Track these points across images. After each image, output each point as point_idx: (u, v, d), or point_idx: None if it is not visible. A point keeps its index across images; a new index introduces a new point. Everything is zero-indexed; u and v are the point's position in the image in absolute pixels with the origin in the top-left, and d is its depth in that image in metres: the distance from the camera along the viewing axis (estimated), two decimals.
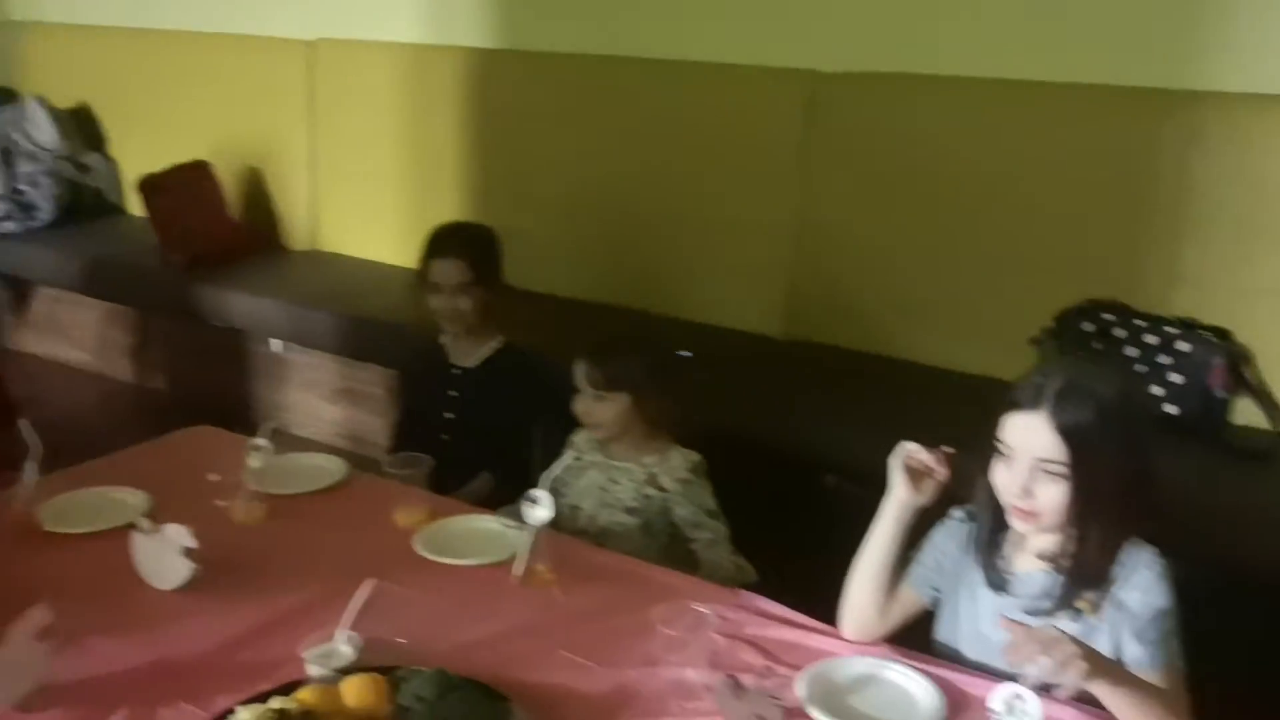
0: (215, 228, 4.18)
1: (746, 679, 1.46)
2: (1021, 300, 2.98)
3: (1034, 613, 1.64)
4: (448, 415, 2.64)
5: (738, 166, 3.40)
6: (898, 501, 1.72)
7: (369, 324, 3.51)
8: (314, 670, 1.56)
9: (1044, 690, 1.37)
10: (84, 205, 4.75)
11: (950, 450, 1.74)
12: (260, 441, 2.06)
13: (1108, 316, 2.83)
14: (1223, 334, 2.74)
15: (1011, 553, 1.70)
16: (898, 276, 3.20)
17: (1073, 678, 1.35)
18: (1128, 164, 2.89)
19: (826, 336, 3.31)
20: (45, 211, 4.63)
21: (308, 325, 3.70)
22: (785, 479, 2.80)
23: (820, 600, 1.76)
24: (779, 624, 1.75)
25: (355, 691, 1.49)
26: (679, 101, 3.48)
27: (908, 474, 1.72)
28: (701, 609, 1.65)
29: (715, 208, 3.45)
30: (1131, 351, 2.78)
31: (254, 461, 2.04)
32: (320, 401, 3.87)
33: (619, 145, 3.59)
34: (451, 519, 2.02)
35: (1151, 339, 2.76)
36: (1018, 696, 1.34)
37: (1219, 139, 2.77)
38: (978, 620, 1.70)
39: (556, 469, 2.05)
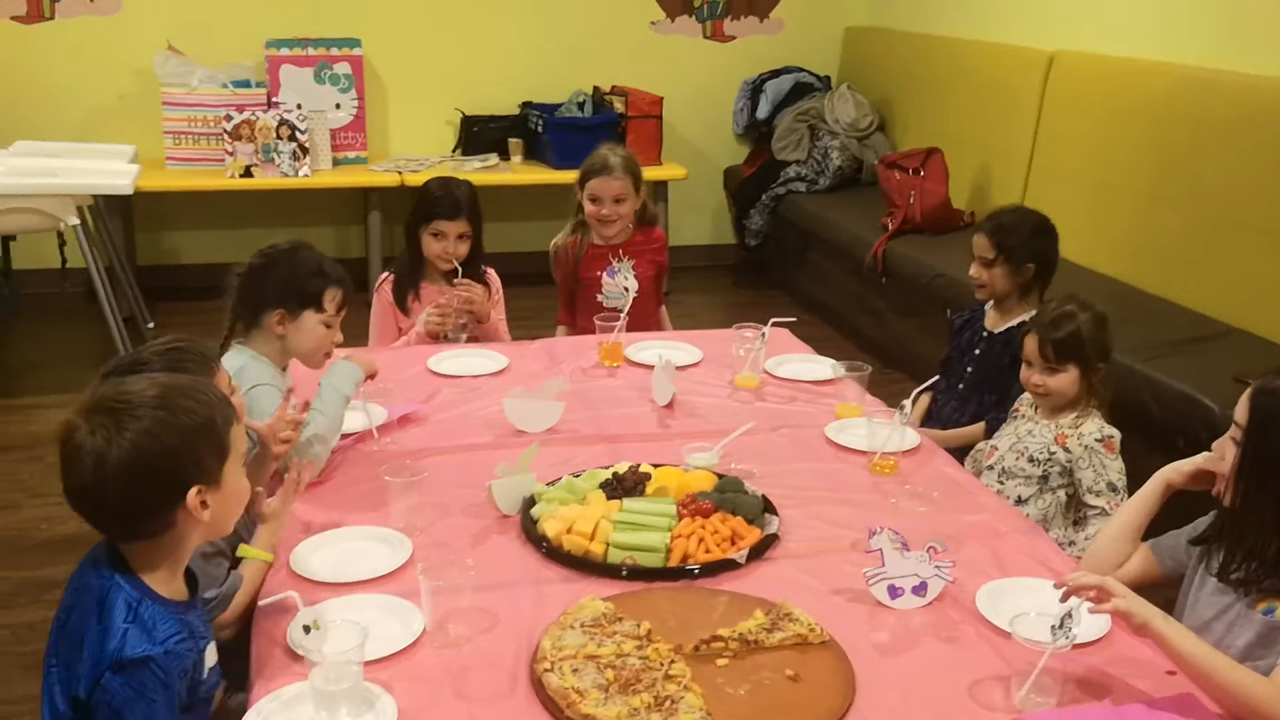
0: (930, 204, 4.89)
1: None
2: None
3: (1234, 596, 1.75)
4: (968, 369, 3.09)
5: None
6: (1166, 476, 1.91)
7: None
8: (691, 462, 2.28)
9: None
10: (859, 177, 5.79)
11: None
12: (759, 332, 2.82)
13: None
14: None
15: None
16: None
17: (1108, 607, 1.56)
18: None
19: None
20: (826, 178, 5.76)
21: None
22: None
23: None
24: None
25: (695, 476, 2.19)
26: None
27: (1199, 472, 1.90)
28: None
29: None
30: None
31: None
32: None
33: None
34: (870, 418, 2.54)
35: None
36: (1069, 614, 1.58)
37: None
38: (1198, 599, 1.82)
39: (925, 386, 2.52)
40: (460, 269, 3.20)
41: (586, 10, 5.98)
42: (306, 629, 1.52)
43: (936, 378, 2.62)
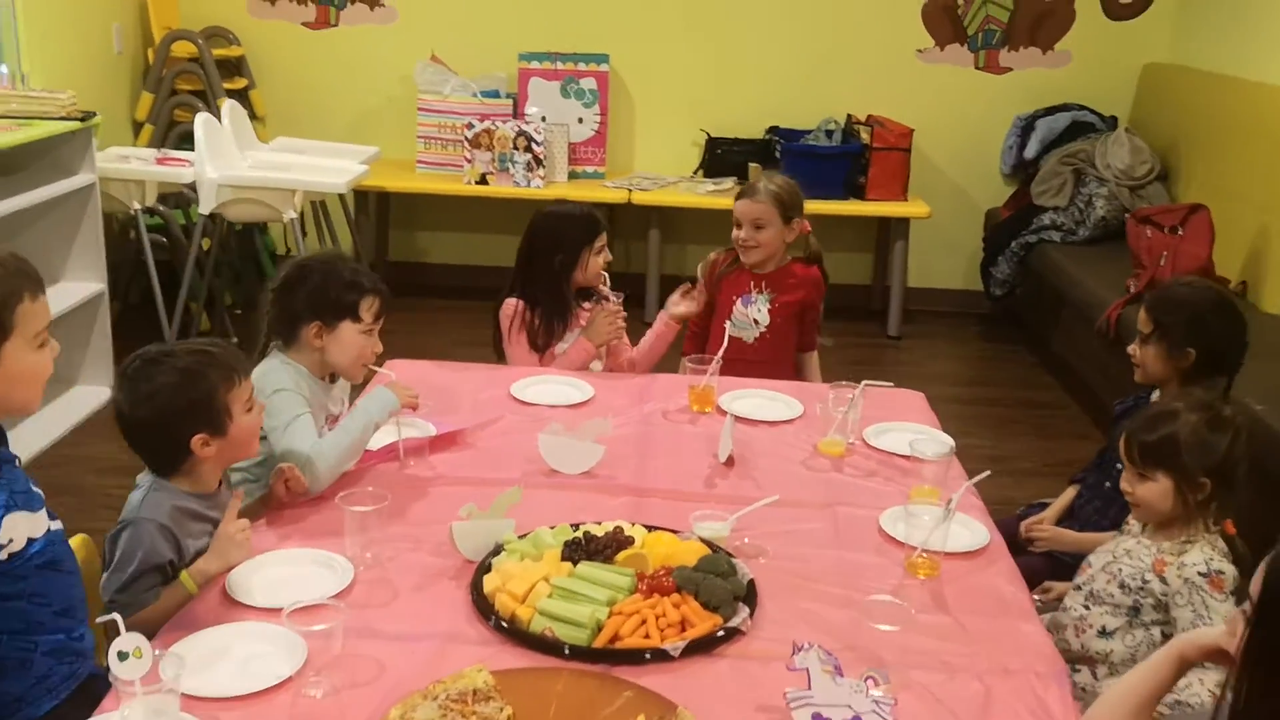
0: (1185, 268, 4.28)
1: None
2: None
3: None
4: (1118, 465, 2.63)
5: None
6: (1180, 647, 1.52)
7: None
8: (697, 531, 2.06)
9: None
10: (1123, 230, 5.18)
11: None
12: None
13: None
14: None
15: None
16: None
17: None
18: None
19: None
20: (1086, 228, 5.20)
21: None
22: None
23: None
24: None
25: (688, 547, 1.97)
26: None
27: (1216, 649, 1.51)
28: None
29: None
30: None
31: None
32: None
33: None
34: (912, 507, 2.19)
35: None
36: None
37: None
38: None
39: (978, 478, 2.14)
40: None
41: (846, 35, 5.72)
42: (122, 655, 1.46)
43: (988, 472, 2.22)
